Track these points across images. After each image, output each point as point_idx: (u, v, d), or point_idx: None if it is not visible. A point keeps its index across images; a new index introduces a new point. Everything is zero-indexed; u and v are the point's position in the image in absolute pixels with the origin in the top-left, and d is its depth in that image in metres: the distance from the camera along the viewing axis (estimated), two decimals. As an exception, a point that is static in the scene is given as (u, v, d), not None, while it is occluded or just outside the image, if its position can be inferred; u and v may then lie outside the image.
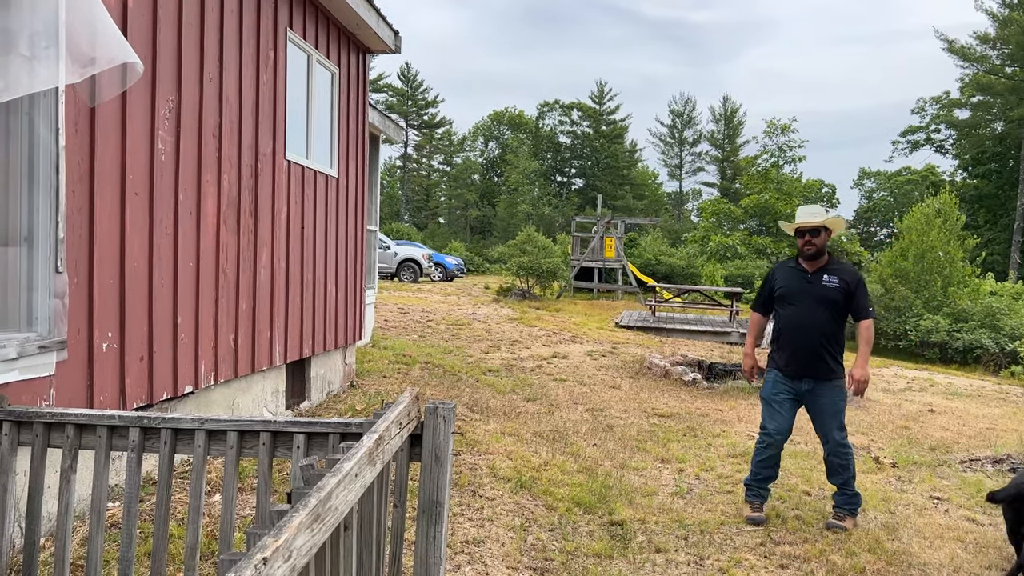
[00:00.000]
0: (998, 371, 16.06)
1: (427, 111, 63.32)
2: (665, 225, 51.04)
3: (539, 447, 6.13)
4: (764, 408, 5.06)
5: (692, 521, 4.74)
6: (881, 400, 10.23)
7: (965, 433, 8.36)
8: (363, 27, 7.04)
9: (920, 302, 19.24)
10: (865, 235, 60.39)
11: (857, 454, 6.93)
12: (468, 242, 50.71)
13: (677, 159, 65.48)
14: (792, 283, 5.02)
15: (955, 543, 4.69)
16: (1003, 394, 12.27)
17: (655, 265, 30.81)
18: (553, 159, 61.92)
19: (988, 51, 40.25)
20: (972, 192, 41.44)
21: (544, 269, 21.34)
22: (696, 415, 8.23)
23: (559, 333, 14.06)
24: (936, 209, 21.50)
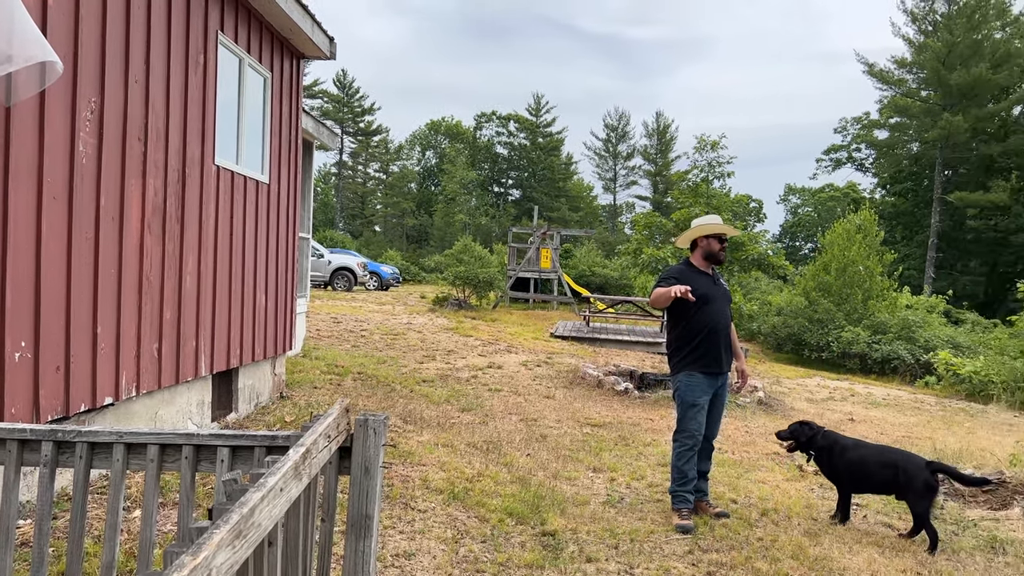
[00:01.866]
0: (914, 381, 16.75)
1: (363, 118, 62.72)
2: (600, 237, 51.69)
3: (473, 458, 6.11)
4: (689, 412, 5.15)
5: (623, 530, 4.79)
6: (805, 409, 10.55)
7: (883, 441, 8.67)
8: (297, 32, 6.95)
9: (842, 314, 19.93)
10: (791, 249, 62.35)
11: (782, 462, 7.14)
12: (404, 251, 50.35)
13: (612, 172, 66.43)
14: (704, 285, 5.21)
15: (873, 548, 4.86)
16: (918, 403, 12.81)
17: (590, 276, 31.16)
18: (490, 169, 62.09)
19: (905, 75, 42.16)
20: (890, 209, 43.21)
21: (480, 279, 21.34)
22: (628, 424, 8.34)
23: (495, 343, 14.07)
24: (857, 225, 22.34)
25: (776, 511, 5.47)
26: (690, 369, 5.15)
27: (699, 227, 5.41)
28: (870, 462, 5.24)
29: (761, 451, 7.59)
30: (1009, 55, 38.27)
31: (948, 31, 38.89)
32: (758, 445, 7.87)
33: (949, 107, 38.79)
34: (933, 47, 38.75)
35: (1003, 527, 5.56)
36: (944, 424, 10.64)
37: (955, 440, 8.98)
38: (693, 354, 5.15)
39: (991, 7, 38.85)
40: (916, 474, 5.01)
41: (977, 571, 4.62)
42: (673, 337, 5.31)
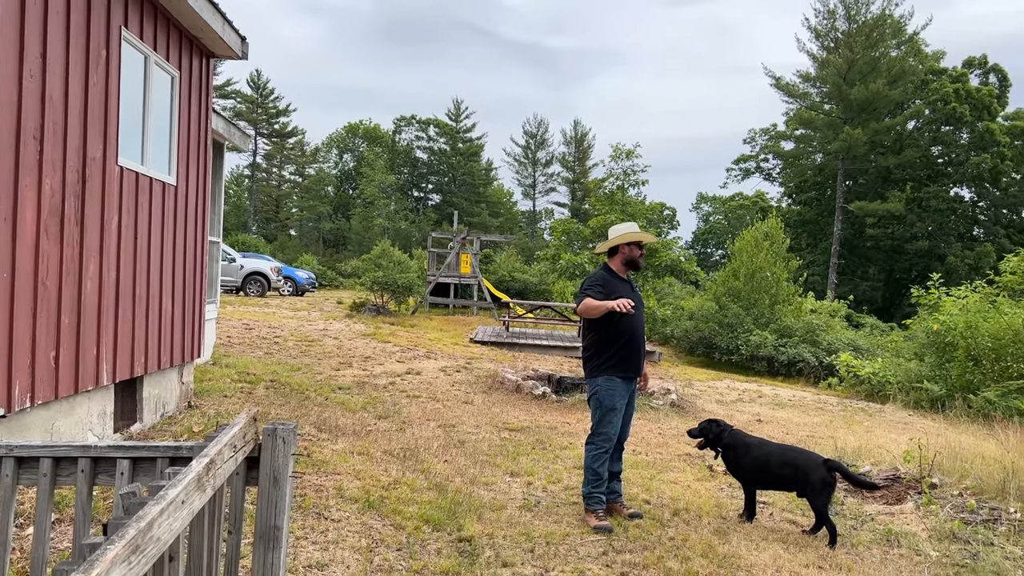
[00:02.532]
0: (817, 383, 17.49)
1: (278, 120, 61.32)
2: (520, 243, 51.97)
3: (389, 465, 6.05)
4: (606, 415, 5.25)
5: (539, 533, 4.82)
6: (715, 411, 10.86)
7: (788, 441, 9.01)
8: (207, 31, 6.74)
9: (750, 319, 20.65)
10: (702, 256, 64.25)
11: (693, 463, 7.34)
12: (321, 255, 49.42)
13: (531, 179, 66.97)
14: (624, 291, 5.32)
15: (778, 544, 5.04)
16: (821, 404, 13.37)
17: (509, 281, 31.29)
18: (410, 174, 61.67)
19: (809, 89, 44.07)
20: (796, 217, 45.02)
21: (399, 284, 21.16)
22: (545, 428, 8.41)
23: (414, 349, 13.97)
24: (764, 232, 23.18)
25: (687, 511, 5.62)
26: (610, 373, 5.25)
27: (622, 234, 5.50)
28: (772, 461, 5.44)
29: (673, 452, 7.78)
30: (904, 72, 40.49)
31: (849, 48, 40.85)
32: (671, 446, 8.06)
33: (849, 120, 40.72)
34: (835, 63, 40.63)
35: (898, 521, 5.86)
36: (845, 423, 11.14)
37: (855, 439, 9.40)
38: (614, 358, 5.25)
39: (887, 26, 41.02)
40: (814, 472, 5.23)
41: (874, 563, 4.85)
42: (591, 342, 5.39)
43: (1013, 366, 14.36)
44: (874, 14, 41.26)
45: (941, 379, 14.78)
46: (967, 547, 5.28)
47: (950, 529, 5.59)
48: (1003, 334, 14.22)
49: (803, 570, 4.60)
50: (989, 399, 13.11)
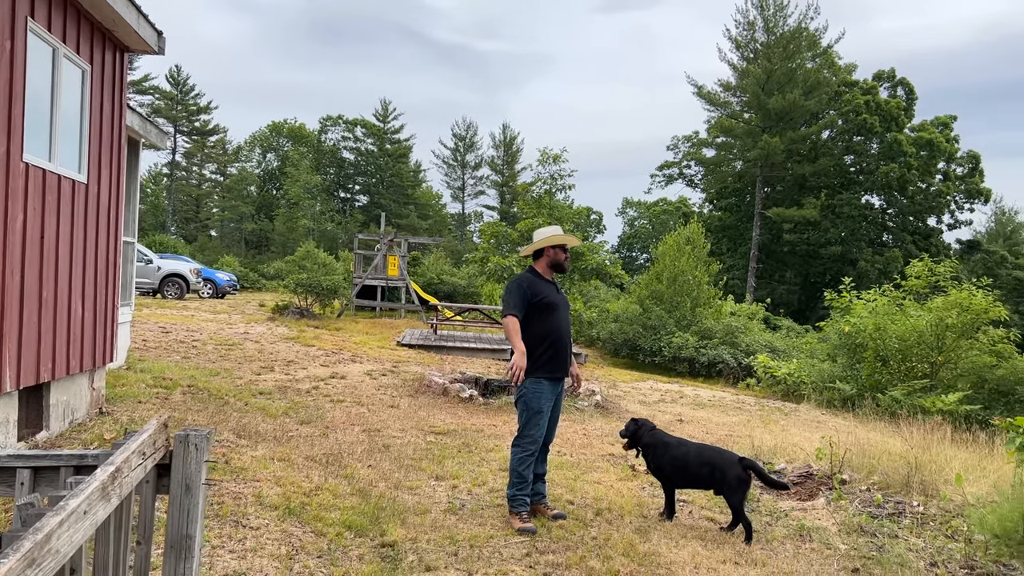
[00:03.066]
0: (736, 383, 17.99)
1: (199, 117, 59.54)
2: (449, 245, 51.83)
3: (311, 471, 5.95)
4: (532, 418, 5.27)
5: (463, 537, 4.82)
6: (638, 411, 11.05)
7: (708, 440, 9.24)
8: (121, 24, 6.50)
9: (673, 321, 21.10)
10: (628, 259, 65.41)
11: (616, 463, 7.45)
12: (243, 257, 48.19)
13: (460, 181, 66.89)
14: (550, 293, 5.38)
15: (697, 541, 5.17)
16: (740, 404, 13.77)
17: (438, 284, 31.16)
18: (336, 174, 60.76)
19: (730, 98, 45.35)
20: (717, 223, 46.25)
21: (324, 286, 20.82)
22: (472, 431, 8.41)
23: (339, 353, 13.77)
24: (686, 237, 23.74)
25: (610, 510, 5.70)
26: (537, 375, 5.27)
27: (546, 237, 5.56)
28: (690, 460, 5.58)
29: (597, 453, 7.88)
30: (819, 83, 42.09)
31: (767, 59, 42.23)
32: (595, 447, 8.17)
33: (768, 129, 42.09)
34: (754, 73, 41.94)
35: (810, 516, 6.08)
36: (762, 423, 11.50)
37: (771, 437, 9.71)
38: (539, 361, 5.27)
39: (804, 39, 42.59)
40: (729, 470, 5.39)
41: (787, 557, 5.02)
42: None
43: (917, 366, 15.12)
44: (791, 27, 42.77)
45: (852, 379, 15.42)
46: (874, 540, 5.52)
47: (858, 523, 5.83)
48: (909, 336, 14.95)
49: (720, 566, 4.73)
50: (896, 398, 13.75)
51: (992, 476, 7.12)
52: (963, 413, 12.85)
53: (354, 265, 25.99)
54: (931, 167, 43.03)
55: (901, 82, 44.78)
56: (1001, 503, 5.16)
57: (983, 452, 8.96)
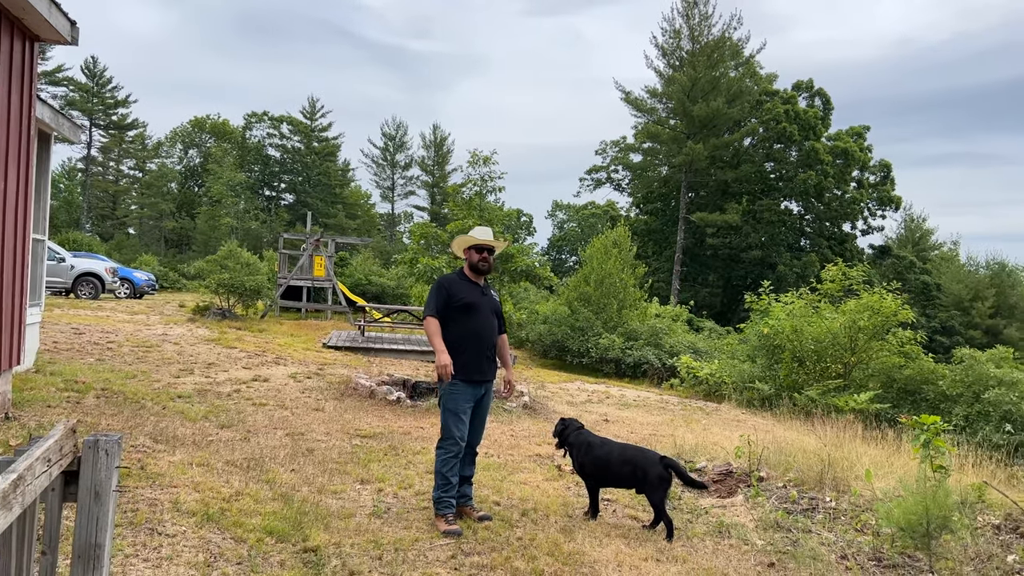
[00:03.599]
0: (660, 383, 18.38)
1: (116, 110, 57.29)
2: (377, 246, 51.28)
3: (231, 476, 5.80)
4: (451, 419, 5.26)
5: (388, 540, 4.78)
6: (565, 412, 11.17)
7: (632, 440, 9.41)
8: (31, 12, 6.21)
9: (600, 323, 21.41)
10: (557, 262, 66.00)
11: (543, 463, 7.51)
12: (162, 256, 46.61)
13: (390, 181, 66.27)
14: (472, 294, 5.38)
15: (620, 540, 5.26)
16: (664, 403, 14.06)
17: (366, 285, 30.80)
18: (261, 172, 59.37)
19: (656, 104, 46.26)
20: (643, 226, 47.11)
21: (247, 287, 20.31)
22: (398, 434, 8.34)
23: (262, 355, 13.46)
24: (613, 240, 24.12)
25: (536, 511, 5.75)
26: (454, 377, 5.26)
27: (459, 240, 5.63)
28: (613, 459, 5.67)
29: (525, 453, 7.93)
30: (741, 92, 43.33)
31: (692, 67, 43.25)
32: (522, 448, 8.22)
33: (692, 136, 43.10)
34: (680, 80, 42.89)
35: (729, 513, 6.26)
36: (684, 422, 11.78)
37: (693, 436, 9.96)
38: (458, 363, 5.27)
39: (727, 48, 43.79)
40: (651, 469, 5.50)
41: (707, 554, 5.15)
42: None
43: (832, 366, 15.73)
44: (715, 36, 43.91)
45: (770, 379, 15.94)
46: (789, 535, 5.72)
47: (774, 519, 6.03)
48: (823, 337, 15.54)
49: (642, 563, 4.82)
50: (811, 397, 14.27)
51: (899, 472, 7.45)
52: (873, 411, 13.42)
53: (279, 265, 25.45)
54: (846, 175, 44.82)
55: (818, 92, 46.53)
56: (906, 497, 5.41)
57: (891, 449, 9.39)
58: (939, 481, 5.65)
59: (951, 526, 5.33)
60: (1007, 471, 9.70)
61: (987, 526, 6.04)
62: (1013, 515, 6.23)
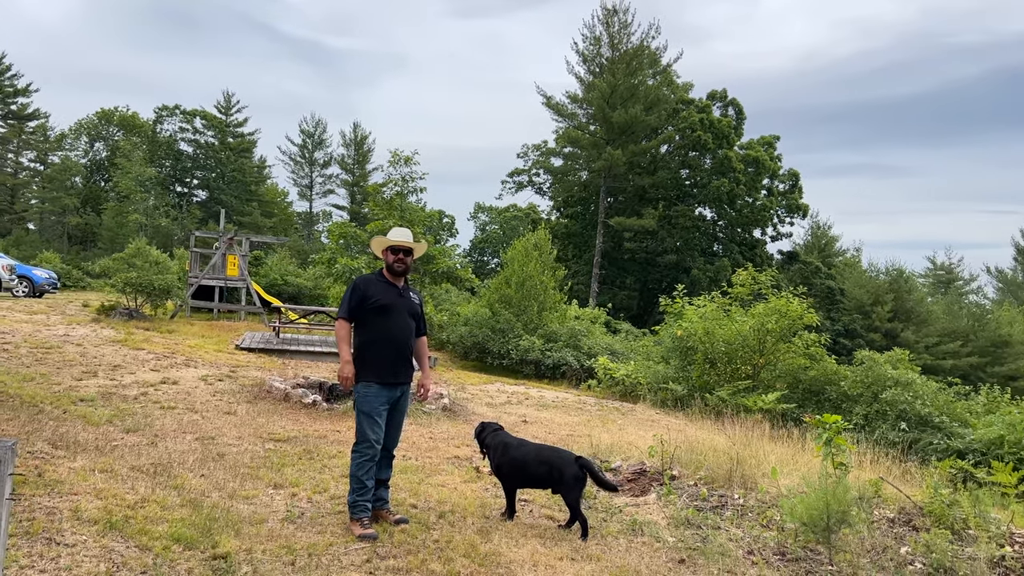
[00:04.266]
0: (579, 384, 18.63)
1: (16, 100, 54.29)
2: (295, 245, 50.23)
3: (137, 483, 5.59)
4: (365, 421, 5.21)
5: (301, 545, 4.70)
6: (485, 413, 11.21)
7: (550, 440, 9.51)
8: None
9: (520, 324, 21.55)
10: (479, 263, 66.06)
11: (459, 464, 7.52)
12: (65, 253, 44.40)
13: (308, 179, 64.95)
14: (388, 296, 5.34)
15: (536, 540, 5.31)
16: (581, 404, 14.26)
17: (282, 285, 30.15)
18: (173, 167, 57.27)
19: (577, 109, 46.82)
20: (563, 230, 47.63)
21: (156, 286, 19.58)
22: (314, 437, 8.21)
23: (171, 356, 13.00)
24: (534, 243, 24.32)
25: (453, 513, 5.75)
26: (367, 379, 5.22)
27: (377, 240, 5.61)
28: (529, 460, 5.73)
29: (443, 456, 7.92)
30: (659, 100, 44.31)
31: (612, 74, 43.97)
32: (441, 450, 8.20)
33: (611, 142, 43.82)
34: (599, 87, 43.55)
35: (642, 511, 6.40)
36: (601, 422, 11.98)
37: (609, 436, 10.14)
38: (370, 364, 5.22)
39: (645, 57, 44.71)
40: (567, 469, 5.58)
41: (620, 552, 5.26)
42: (354, 347, 5.34)
43: (741, 367, 16.27)
44: (634, 44, 44.76)
45: (684, 380, 16.37)
46: (699, 532, 5.89)
47: (685, 516, 6.20)
48: (734, 339, 16.06)
49: (558, 563, 4.89)
50: (722, 397, 14.73)
51: (803, 469, 7.77)
52: (780, 411, 13.95)
53: (190, 264, 24.62)
54: (757, 183, 46.39)
55: (732, 102, 48.02)
56: (809, 494, 5.65)
57: (796, 447, 9.78)
58: (839, 478, 5.92)
59: (850, 520, 5.60)
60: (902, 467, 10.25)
61: (883, 519, 6.37)
62: (906, 509, 6.59)
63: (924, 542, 5.62)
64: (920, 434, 13.36)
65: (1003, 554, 5.50)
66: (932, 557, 5.36)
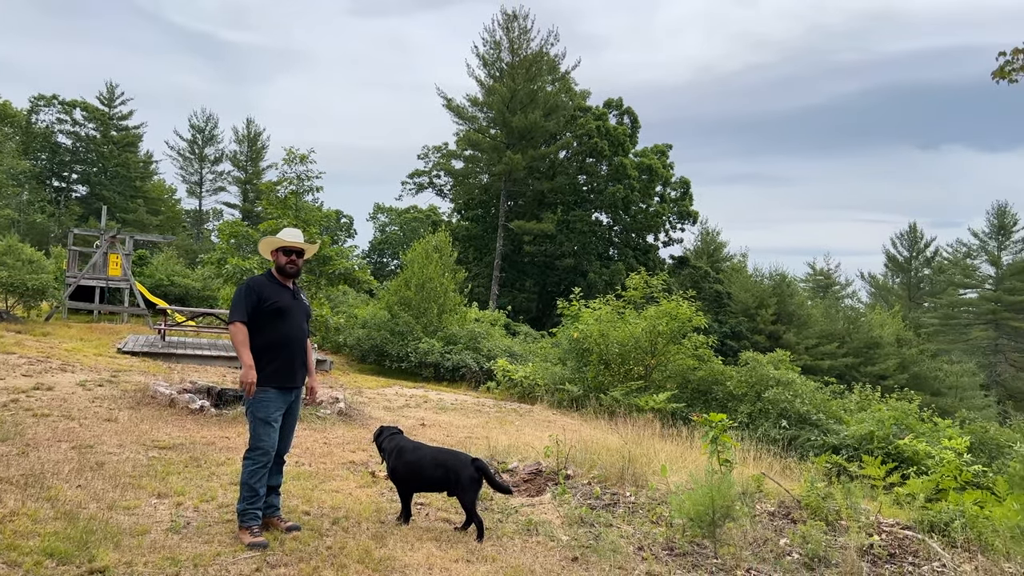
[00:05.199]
0: (478, 386, 18.69)
1: None
2: (183, 244, 48.22)
3: (5, 495, 5.25)
4: (261, 428, 5.07)
5: (186, 556, 4.53)
6: (382, 417, 11.09)
7: (448, 443, 9.52)
8: None
9: (420, 327, 21.42)
10: (378, 265, 65.26)
11: (355, 469, 7.42)
12: (-75, 250, 41.01)
13: (198, 176, 62.49)
14: (284, 298, 5.22)
15: (432, 543, 5.30)
16: (480, 406, 14.32)
17: (168, 286, 28.87)
18: (49, 161, 53.92)
19: (477, 113, 47.00)
20: (464, 232, 47.70)
21: (30, 286, 18.41)
22: (201, 444, 7.91)
23: (46, 361, 12.25)
24: (435, 245, 24.24)
25: (347, 518, 5.66)
26: (264, 384, 5.08)
27: (266, 241, 5.46)
28: (425, 463, 5.72)
29: (338, 461, 7.79)
30: (557, 106, 45.02)
31: (512, 79, 44.37)
32: (335, 455, 8.06)
33: (511, 146, 44.20)
34: (499, 91, 43.86)
35: (538, 511, 6.49)
36: (499, 424, 12.06)
37: (506, 438, 10.23)
38: (268, 369, 5.09)
39: (544, 63, 45.34)
40: (462, 471, 5.60)
41: (515, 552, 5.32)
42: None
43: (634, 368, 16.73)
44: (533, 50, 45.31)
45: (579, 381, 16.68)
46: (592, 530, 6.03)
47: (579, 515, 6.33)
48: (627, 341, 16.50)
49: (453, 565, 4.90)
50: (616, 397, 15.10)
51: (691, 466, 8.08)
52: (670, 410, 14.43)
53: (68, 263, 23.25)
54: (650, 190, 47.80)
55: (627, 111, 49.31)
56: (696, 490, 5.88)
57: (685, 445, 10.15)
58: (724, 474, 6.19)
59: (733, 515, 5.87)
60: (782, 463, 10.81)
61: (764, 513, 6.70)
62: (785, 502, 6.96)
63: (801, 533, 5.95)
64: (799, 431, 14.10)
65: (871, 542, 5.89)
66: (808, 547, 5.68)
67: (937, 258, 66.52)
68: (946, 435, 12.85)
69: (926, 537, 6.07)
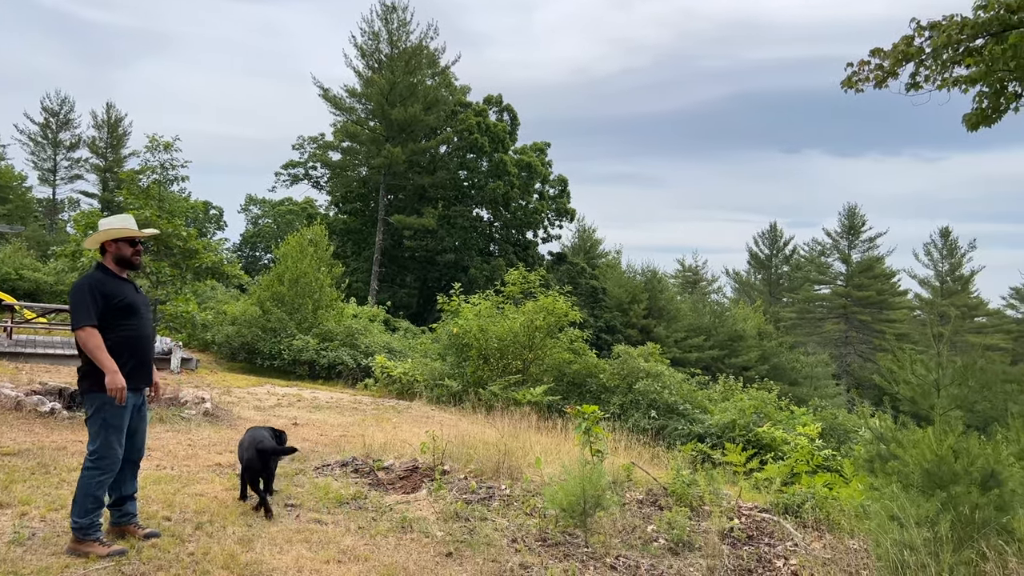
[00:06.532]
0: (355, 384, 18.36)
1: None
2: (34, 235, 44.82)
3: None
4: (114, 435, 4.72)
5: (30, 570, 4.22)
6: (252, 417, 10.72)
7: (322, 442, 9.31)
8: None
9: (294, 323, 20.79)
10: (250, 259, 62.90)
11: (221, 472, 7.13)
12: None
13: (51, 163, 58.14)
14: (130, 294, 4.90)
15: (302, 545, 5.17)
16: (357, 404, 14.09)
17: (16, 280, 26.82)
18: None
19: (356, 104, 46.08)
20: (342, 226, 46.70)
21: None
22: (51, 449, 7.38)
23: None
24: (310, 238, 23.60)
25: (212, 523, 5.44)
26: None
27: (107, 230, 4.97)
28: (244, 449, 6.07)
29: (203, 463, 7.46)
30: (437, 100, 44.82)
31: (391, 71, 43.78)
32: (200, 457, 7.72)
33: (391, 139, 43.66)
34: (378, 83, 43.18)
35: (413, 508, 6.45)
36: (376, 421, 11.90)
37: (383, 435, 10.11)
38: (124, 371, 4.75)
39: (424, 56, 45.02)
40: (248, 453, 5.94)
41: (389, 550, 5.26)
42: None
43: (513, 363, 16.92)
44: (413, 43, 44.88)
45: (459, 376, 16.72)
46: (467, 524, 6.05)
47: (455, 510, 6.34)
48: (506, 336, 16.67)
49: (324, 566, 4.79)
50: (494, 392, 15.23)
51: (565, 458, 8.24)
52: (546, 403, 14.69)
53: None
54: (530, 187, 48.46)
55: (507, 108, 49.74)
56: (568, 481, 6.01)
57: (560, 437, 10.36)
58: (596, 464, 6.36)
59: (603, 504, 6.04)
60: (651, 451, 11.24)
61: (633, 501, 6.94)
62: (653, 490, 7.23)
63: (667, 520, 6.20)
64: (667, 421, 14.70)
65: (732, 526, 6.21)
66: (673, 533, 5.92)
67: (795, 256, 70.86)
68: (801, 422, 13.76)
69: (781, 519, 6.46)
